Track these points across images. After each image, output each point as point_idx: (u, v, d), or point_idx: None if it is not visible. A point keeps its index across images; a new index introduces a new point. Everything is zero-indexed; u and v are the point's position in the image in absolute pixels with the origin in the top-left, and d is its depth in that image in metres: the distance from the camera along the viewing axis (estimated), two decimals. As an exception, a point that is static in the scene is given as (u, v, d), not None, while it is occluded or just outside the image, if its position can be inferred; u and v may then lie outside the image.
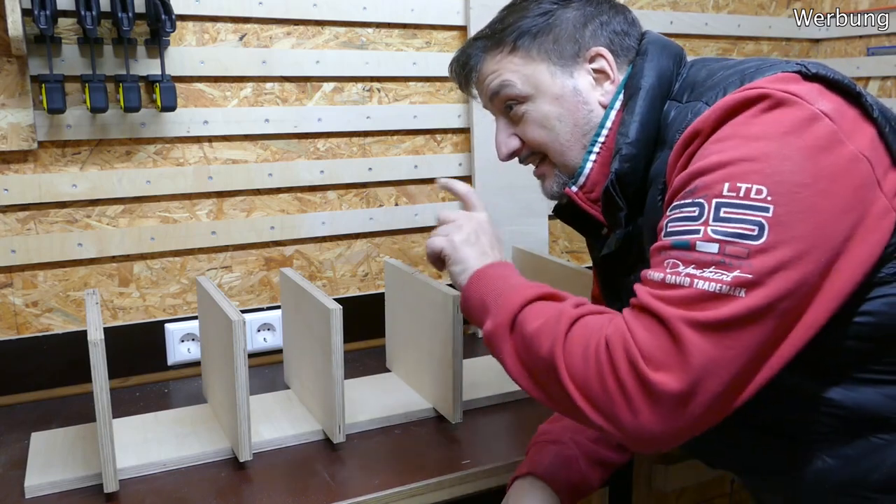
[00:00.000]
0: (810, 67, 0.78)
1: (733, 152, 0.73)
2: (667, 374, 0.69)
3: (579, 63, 0.95)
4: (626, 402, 0.71)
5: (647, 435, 0.71)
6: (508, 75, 0.96)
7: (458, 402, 1.23)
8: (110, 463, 1.02)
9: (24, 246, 1.36)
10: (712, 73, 0.87)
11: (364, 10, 1.57)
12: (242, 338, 1.07)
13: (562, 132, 0.95)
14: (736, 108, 0.75)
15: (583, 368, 0.75)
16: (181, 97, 1.44)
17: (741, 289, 0.69)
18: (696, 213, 0.73)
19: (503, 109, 0.99)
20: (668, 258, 0.74)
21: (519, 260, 1.55)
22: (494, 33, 0.98)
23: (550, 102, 0.95)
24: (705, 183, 0.73)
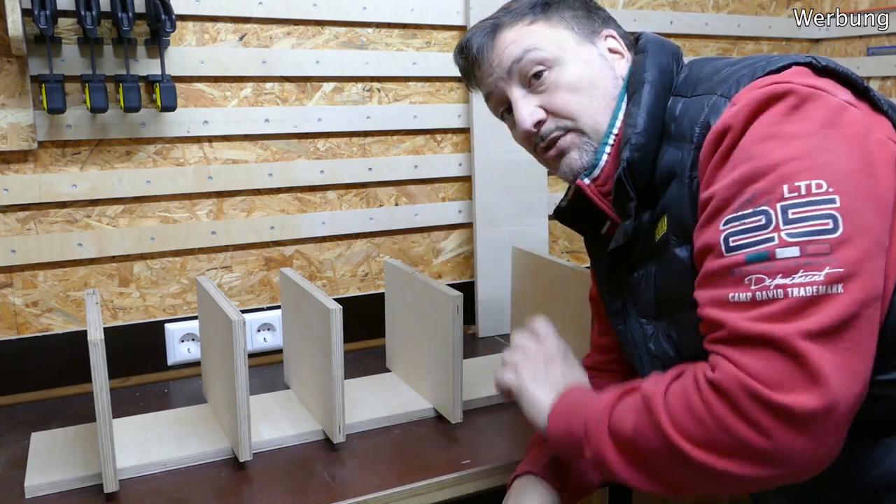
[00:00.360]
0: (820, 61, 0.79)
1: (778, 153, 0.72)
2: (801, 395, 0.66)
3: (597, 38, 0.96)
4: (762, 435, 0.68)
5: (798, 459, 0.68)
6: (533, 40, 0.93)
7: (458, 402, 1.23)
8: (110, 463, 1.02)
9: (24, 246, 1.37)
10: (718, 69, 0.87)
11: (364, 10, 1.57)
12: (242, 338, 1.07)
13: (595, 95, 0.93)
14: (764, 103, 0.75)
15: (704, 431, 0.71)
16: (181, 97, 1.44)
17: (837, 284, 0.68)
18: (762, 221, 0.71)
19: (524, 80, 0.94)
20: (747, 275, 0.71)
21: (519, 260, 1.55)
22: (507, 12, 0.97)
23: (580, 64, 0.93)
24: (761, 189, 0.72)
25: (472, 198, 1.70)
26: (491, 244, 1.71)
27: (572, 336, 1.38)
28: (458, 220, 1.74)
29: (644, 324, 0.96)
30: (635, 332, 0.97)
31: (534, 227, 1.75)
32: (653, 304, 0.94)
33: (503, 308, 1.70)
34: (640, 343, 0.97)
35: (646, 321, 0.96)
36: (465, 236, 1.76)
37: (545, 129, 0.94)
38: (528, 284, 1.52)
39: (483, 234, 1.70)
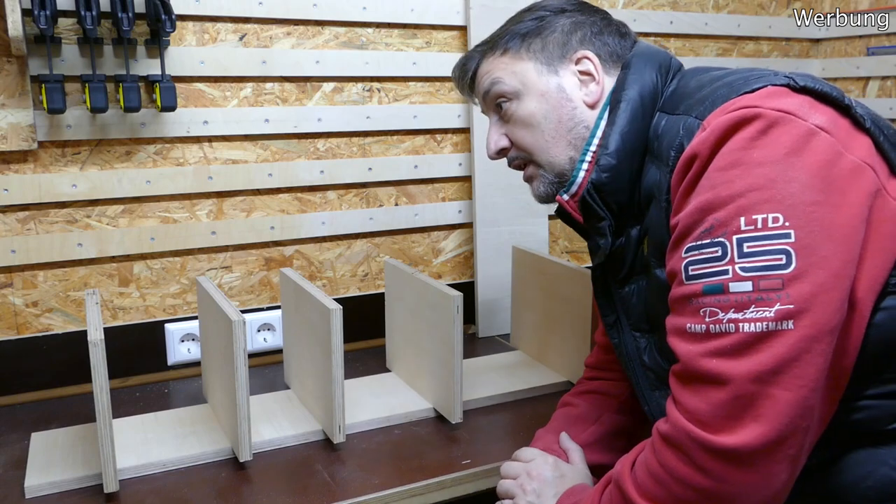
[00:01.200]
0: (798, 80, 0.77)
1: (740, 183, 0.72)
2: (743, 434, 0.68)
3: (565, 63, 0.98)
4: (712, 479, 0.70)
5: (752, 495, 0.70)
6: (498, 73, 1.00)
7: (458, 402, 1.23)
8: (110, 463, 1.02)
9: (24, 246, 1.36)
10: (701, 85, 0.86)
11: (364, 10, 1.57)
12: (242, 338, 1.07)
13: (546, 129, 0.97)
14: (731, 129, 0.75)
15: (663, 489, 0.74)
16: (181, 97, 1.44)
17: (787, 321, 0.68)
18: (718, 252, 0.72)
19: (495, 108, 1.02)
20: (703, 306, 0.72)
21: (519, 260, 1.55)
22: (492, 39, 1.03)
23: (536, 99, 0.97)
24: (720, 220, 0.73)
25: (472, 198, 1.70)
26: (491, 244, 1.71)
27: (572, 336, 1.38)
28: (458, 220, 1.74)
29: (637, 337, 0.97)
30: (629, 345, 0.99)
31: (534, 227, 1.75)
32: (644, 318, 0.95)
33: (503, 308, 1.70)
34: (634, 355, 0.98)
35: (639, 334, 0.97)
36: (465, 236, 1.76)
37: (509, 156, 1.03)
38: (528, 284, 1.52)
39: (483, 234, 1.70)
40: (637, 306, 0.96)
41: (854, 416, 0.77)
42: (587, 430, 1.07)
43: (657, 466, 0.74)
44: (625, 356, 1.00)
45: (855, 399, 0.77)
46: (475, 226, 1.70)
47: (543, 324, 1.48)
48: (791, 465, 0.70)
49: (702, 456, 0.70)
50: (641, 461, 0.78)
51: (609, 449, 1.06)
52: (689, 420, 0.71)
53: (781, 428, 0.68)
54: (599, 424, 1.08)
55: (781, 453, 0.69)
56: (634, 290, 0.95)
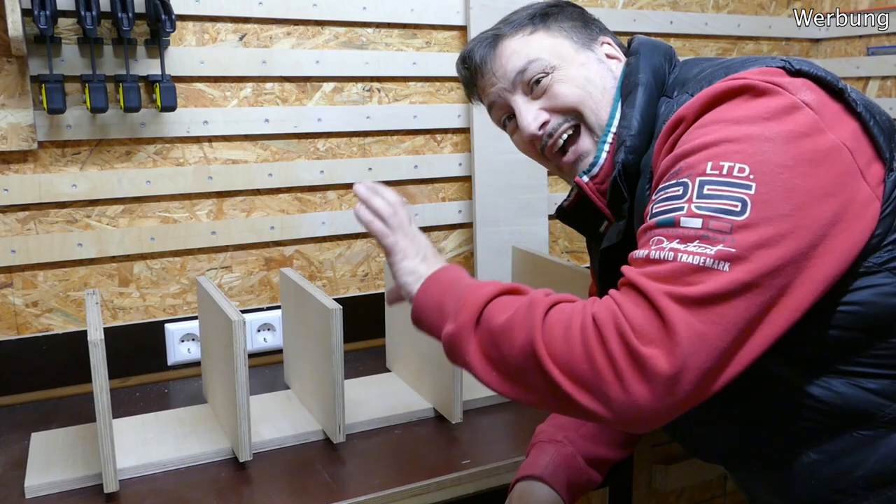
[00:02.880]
0: (794, 63, 0.79)
1: (716, 135, 0.74)
2: (656, 349, 0.69)
3: (594, 45, 0.99)
4: (616, 377, 0.70)
5: (636, 412, 0.70)
6: (533, 51, 0.96)
7: (458, 402, 1.23)
8: (110, 463, 1.02)
9: (24, 246, 1.36)
10: (702, 69, 0.88)
11: (364, 10, 1.57)
12: (242, 338, 1.07)
13: (594, 91, 0.95)
14: (719, 97, 0.77)
15: (567, 349, 0.73)
16: (181, 97, 1.44)
17: (725, 262, 0.69)
18: (680, 192, 0.74)
19: (527, 88, 0.97)
20: (652, 236, 0.74)
21: (519, 260, 1.55)
22: (506, 25, 1.00)
23: (577, 68, 0.96)
24: (689, 164, 0.74)
25: (472, 198, 1.70)
26: (491, 244, 1.71)
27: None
28: (458, 220, 1.74)
29: None
30: None
31: (534, 227, 1.75)
32: None
33: (503, 308, 1.70)
34: None
35: None
36: (465, 236, 1.76)
37: (551, 126, 0.96)
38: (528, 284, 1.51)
39: (483, 234, 1.70)
40: None
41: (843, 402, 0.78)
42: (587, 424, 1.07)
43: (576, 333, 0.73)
44: None
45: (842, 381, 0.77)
46: (475, 226, 1.70)
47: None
48: (678, 398, 0.69)
49: (620, 353, 0.70)
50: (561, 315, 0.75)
51: (608, 442, 1.06)
52: (624, 317, 0.71)
53: (691, 360, 0.68)
54: None
55: (683, 385, 0.69)
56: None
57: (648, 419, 0.71)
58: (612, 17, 1.82)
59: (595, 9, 1.80)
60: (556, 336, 0.74)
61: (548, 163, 1.00)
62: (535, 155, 1.01)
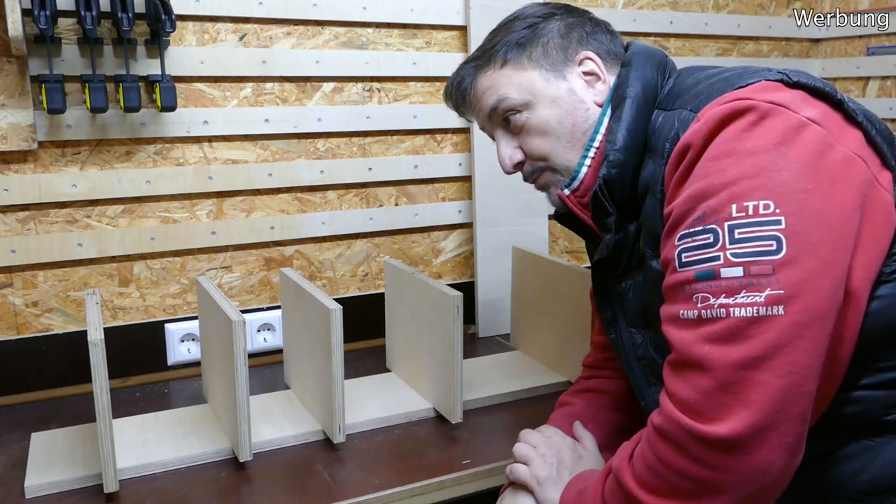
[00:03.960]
0: (792, 76, 0.79)
1: (732, 171, 0.73)
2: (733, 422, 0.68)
3: (570, 67, 0.97)
4: (711, 469, 0.70)
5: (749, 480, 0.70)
6: (503, 88, 0.97)
7: (458, 402, 1.23)
8: (110, 463, 1.02)
9: (24, 246, 1.36)
10: (697, 81, 0.88)
11: (364, 10, 1.57)
12: (242, 338, 1.07)
13: (562, 134, 0.96)
14: (724, 120, 0.76)
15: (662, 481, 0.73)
16: (181, 97, 1.44)
17: (778, 306, 0.68)
18: (710, 239, 0.73)
19: (502, 123, 1.00)
20: (695, 292, 0.73)
21: (519, 260, 1.55)
22: (484, 53, 1.00)
23: (548, 106, 0.96)
24: (712, 207, 0.73)
25: (472, 198, 1.70)
26: (491, 244, 1.71)
27: (572, 336, 1.38)
28: (458, 220, 1.74)
29: (633, 333, 0.98)
30: (625, 342, 0.99)
31: (534, 227, 1.75)
32: (640, 314, 0.95)
33: (503, 308, 1.70)
34: (631, 352, 0.98)
35: (635, 331, 0.97)
36: (465, 236, 1.76)
37: (525, 170, 1.01)
38: (528, 284, 1.52)
39: (483, 234, 1.70)
40: (633, 302, 0.96)
41: (849, 409, 0.77)
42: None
43: (654, 459, 0.74)
44: (621, 352, 1.00)
45: (849, 390, 0.77)
46: (475, 226, 1.70)
47: (543, 324, 1.48)
48: (787, 453, 0.70)
49: (695, 446, 0.70)
50: (639, 453, 0.78)
51: (607, 447, 1.06)
52: (681, 410, 0.71)
53: (772, 414, 0.68)
54: (596, 423, 1.08)
55: (775, 440, 0.69)
56: (631, 286, 0.96)
57: (766, 478, 0.71)
58: (612, 18, 1.80)
59: (595, 9, 1.80)
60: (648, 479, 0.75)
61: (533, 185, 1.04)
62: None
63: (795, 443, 0.70)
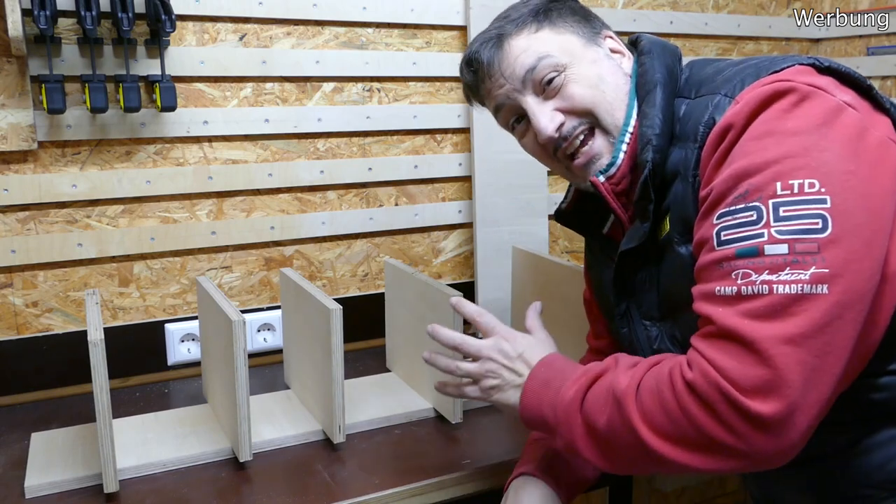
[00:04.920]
0: (822, 61, 0.80)
1: (775, 150, 0.73)
2: (769, 400, 0.68)
3: (598, 39, 0.96)
4: (736, 438, 0.70)
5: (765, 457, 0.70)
6: (542, 48, 0.92)
7: (458, 402, 1.23)
8: (110, 463, 1.02)
9: (24, 246, 1.36)
10: (720, 69, 0.87)
11: (364, 10, 1.57)
12: (242, 338, 1.07)
13: (607, 90, 0.92)
14: (766, 101, 0.76)
15: (675, 428, 0.73)
16: (181, 97, 1.44)
17: (822, 285, 0.68)
18: (753, 216, 0.73)
19: (538, 87, 0.93)
20: (735, 269, 0.72)
21: (519, 260, 1.55)
22: (508, 23, 0.95)
23: (589, 66, 0.92)
24: (755, 185, 0.73)
25: (472, 198, 1.70)
26: (491, 244, 1.71)
27: (572, 336, 1.38)
28: (458, 220, 1.74)
29: (648, 326, 0.96)
30: (640, 335, 0.97)
31: (534, 227, 1.75)
32: (655, 306, 0.94)
33: (503, 308, 1.70)
34: (646, 346, 0.97)
35: (649, 323, 0.96)
36: (465, 236, 1.76)
37: (566, 129, 0.92)
38: (528, 284, 1.52)
39: (483, 234, 1.70)
40: (649, 294, 0.94)
41: (877, 395, 0.77)
42: None
43: (675, 406, 0.74)
44: (636, 347, 0.99)
45: (878, 376, 0.77)
46: (475, 226, 1.70)
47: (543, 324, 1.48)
48: (805, 436, 0.70)
49: (729, 413, 0.70)
50: (651, 391, 0.76)
51: None
52: (722, 377, 0.71)
53: (805, 395, 0.68)
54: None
55: (802, 422, 0.69)
56: (647, 277, 0.94)
57: (782, 458, 0.71)
58: (612, 17, 1.82)
59: (595, 8, 1.79)
60: (659, 419, 0.75)
61: (556, 164, 0.97)
62: (545, 157, 0.97)
63: (813, 426, 0.70)
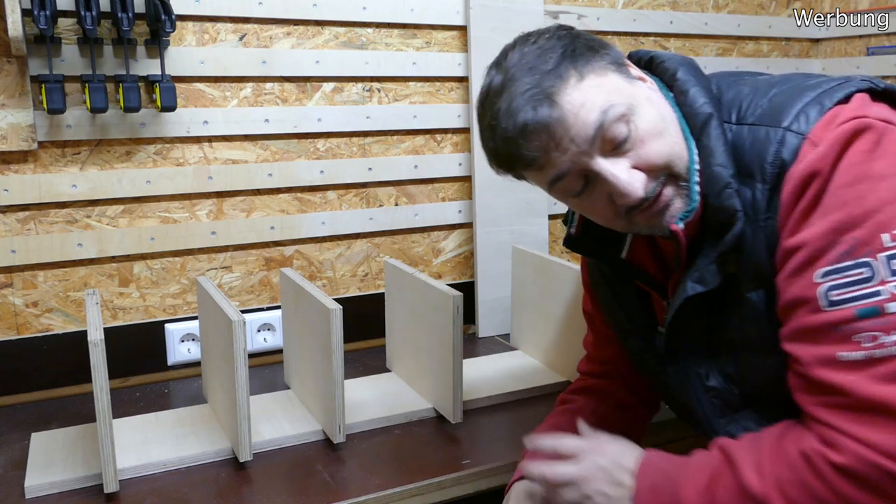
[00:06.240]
0: (877, 83, 0.79)
1: (871, 198, 0.71)
2: None
3: (628, 71, 0.85)
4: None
5: None
6: (599, 98, 0.79)
7: (458, 402, 1.23)
8: (110, 463, 1.02)
9: (24, 246, 1.36)
10: (757, 88, 0.83)
11: (364, 10, 1.57)
12: (242, 338, 1.07)
13: (671, 132, 0.82)
14: (846, 142, 0.73)
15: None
16: (181, 97, 1.44)
17: None
18: (865, 274, 0.70)
19: (608, 145, 0.80)
20: (857, 331, 0.70)
21: (519, 260, 1.55)
22: (546, 76, 0.79)
23: (647, 105, 0.82)
24: (860, 240, 0.71)
25: (472, 198, 1.70)
26: (491, 244, 1.71)
27: (572, 336, 1.38)
28: (458, 220, 1.74)
29: (696, 362, 0.92)
30: (689, 371, 0.93)
31: (534, 227, 1.75)
32: (703, 344, 0.90)
33: (503, 308, 1.70)
34: (696, 383, 0.93)
35: (698, 359, 0.92)
36: (465, 236, 1.76)
37: (650, 189, 0.81)
38: (528, 284, 1.52)
39: (483, 234, 1.70)
40: (697, 332, 0.90)
41: None
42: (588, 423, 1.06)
43: (831, 497, 0.70)
44: (682, 382, 0.94)
45: None
46: (475, 226, 1.70)
47: (543, 324, 1.48)
48: None
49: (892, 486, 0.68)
50: (795, 484, 0.72)
51: None
52: (880, 454, 0.68)
53: None
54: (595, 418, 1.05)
55: None
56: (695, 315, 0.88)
57: None
58: (612, 18, 1.82)
59: (595, 9, 1.80)
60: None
61: (621, 222, 0.86)
62: (614, 218, 0.85)
63: None
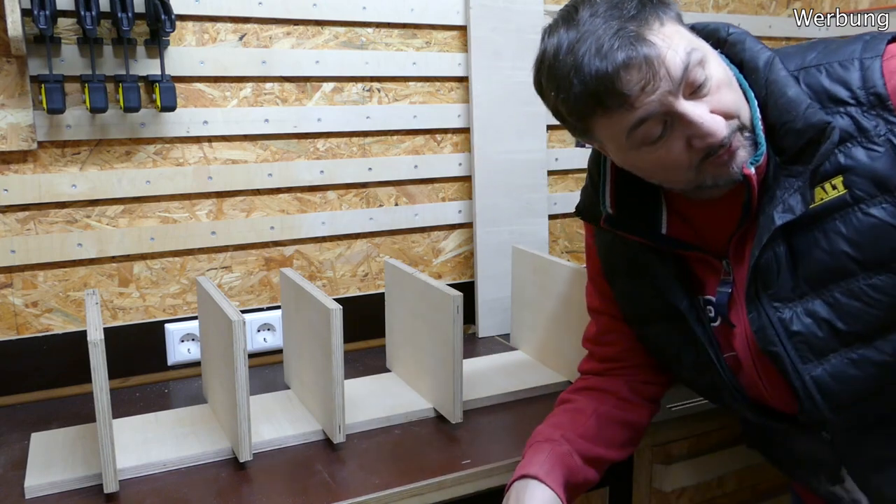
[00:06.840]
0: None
1: None
2: None
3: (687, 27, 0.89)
4: None
5: None
6: (682, 42, 0.82)
7: (458, 402, 1.23)
8: (110, 463, 1.02)
9: (24, 246, 1.36)
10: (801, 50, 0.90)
11: (364, 10, 1.57)
12: (242, 338, 1.07)
13: (734, 84, 0.87)
14: None
15: None
16: (181, 97, 1.44)
17: None
18: None
19: (690, 87, 0.82)
20: None
21: (519, 260, 1.55)
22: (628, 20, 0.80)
23: (712, 56, 0.86)
24: None
25: (472, 198, 1.70)
26: (491, 244, 1.71)
27: (572, 336, 1.38)
28: (458, 220, 1.74)
29: (779, 308, 0.90)
30: (773, 320, 0.91)
31: (534, 227, 1.75)
32: (790, 285, 0.89)
33: (503, 308, 1.70)
34: (780, 330, 0.90)
35: (780, 304, 0.90)
36: (465, 236, 1.76)
37: (727, 133, 0.84)
38: (528, 284, 1.52)
39: (483, 234, 1.70)
40: (785, 271, 0.89)
41: None
42: (585, 423, 1.07)
43: None
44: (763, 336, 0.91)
45: None
46: (475, 226, 1.70)
47: (543, 324, 1.48)
48: None
49: None
50: None
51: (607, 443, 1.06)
52: None
53: None
54: (597, 418, 1.06)
55: None
56: (784, 252, 0.88)
57: None
58: (612, 17, 1.82)
59: (595, 9, 1.80)
60: None
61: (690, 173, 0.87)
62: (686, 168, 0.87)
63: None
